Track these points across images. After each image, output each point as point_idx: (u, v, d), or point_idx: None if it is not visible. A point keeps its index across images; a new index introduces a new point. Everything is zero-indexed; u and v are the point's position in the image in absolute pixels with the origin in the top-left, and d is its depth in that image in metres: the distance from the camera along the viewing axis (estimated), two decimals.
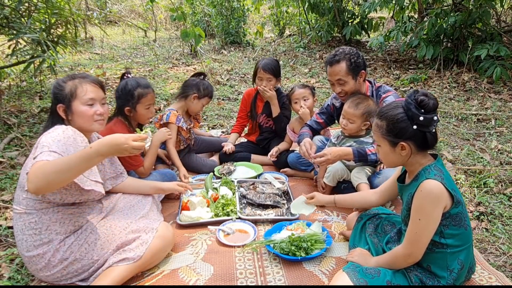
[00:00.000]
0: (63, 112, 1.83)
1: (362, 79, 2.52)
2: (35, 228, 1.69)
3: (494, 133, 3.78)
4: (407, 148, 1.55)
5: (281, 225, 2.25)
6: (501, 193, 2.66)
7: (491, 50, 4.97)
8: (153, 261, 1.85)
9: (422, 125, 1.50)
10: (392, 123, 1.55)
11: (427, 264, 1.59)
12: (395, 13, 7.28)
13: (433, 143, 1.55)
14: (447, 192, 1.48)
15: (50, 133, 1.68)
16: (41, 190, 1.47)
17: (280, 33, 9.73)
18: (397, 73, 6.06)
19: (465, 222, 1.55)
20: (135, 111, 2.46)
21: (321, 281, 1.84)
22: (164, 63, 7.06)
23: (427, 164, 1.56)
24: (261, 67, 3.06)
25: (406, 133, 1.53)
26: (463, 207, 1.55)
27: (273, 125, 3.27)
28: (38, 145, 1.63)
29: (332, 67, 2.47)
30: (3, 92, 4.40)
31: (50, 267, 1.70)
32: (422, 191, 1.49)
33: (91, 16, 6.84)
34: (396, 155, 1.59)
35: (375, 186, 2.40)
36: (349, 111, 2.41)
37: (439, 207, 1.48)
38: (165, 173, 2.70)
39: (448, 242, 1.54)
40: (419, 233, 1.50)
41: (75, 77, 1.86)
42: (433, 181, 1.48)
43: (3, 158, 3.03)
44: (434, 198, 1.47)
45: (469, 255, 1.61)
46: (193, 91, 2.93)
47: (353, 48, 2.51)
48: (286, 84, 5.79)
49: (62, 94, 1.82)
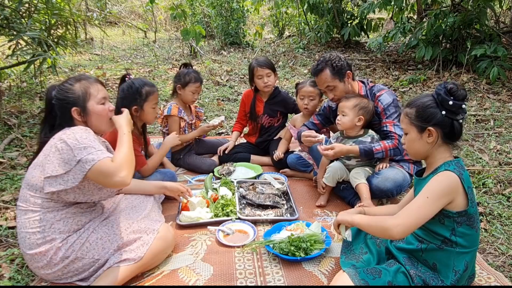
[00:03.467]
0: (78, 115, 1.78)
1: (350, 79, 2.57)
2: (38, 226, 1.69)
3: (493, 133, 3.79)
4: (434, 134, 1.56)
5: (281, 225, 2.26)
6: (500, 194, 2.67)
7: (489, 50, 4.98)
8: (154, 262, 1.86)
9: (450, 111, 1.52)
10: (421, 109, 1.58)
11: (433, 262, 1.58)
12: (394, 14, 7.31)
13: (459, 134, 1.56)
14: (462, 188, 1.49)
15: (75, 134, 1.65)
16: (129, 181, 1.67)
17: (279, 34, 9.74)
18: (396, 74, 6.07)
19: (477, 223, 1.56)
20: (142, 110, 2.45)
21: (321, 281, 1.84)
22: (164, 64, 7.07)
23: (449, 159, 1.57)
24: (257, 65, 3.07)
25: (434, 118, 1.55)
26: (476, 209, 1.55)
27: (276, 124, 3.30)
28: (65, 147, 1.62)
29: (318, 77, 2.55)
30: (4, 93, 4.40)
31: (52, 265, 1.71)
32: (439, 176, 1.50)
33: (91, 17, 6.85)
34: (422, 142, 1.60)
35: (374, 187, 2.42)
36: (341, 104, 2.48)
37: (448, 196, 1.48)
38: (165, 172, 2.72)
39: (458, 240, 1.53)
40: (421, 208, 1.48)
41: (79, 78, 1.82)
42: (451, 172, 1.49)
43: (4, 159, 3.04)
44: (448, 185, 1.48)
45: (473, 259, 1.60)
46: (176, 83, 3.02)
47: (332, 53, 2.57)
48: (286, 85, 5.81)
49: (74, 96, 1.77)
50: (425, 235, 1.61)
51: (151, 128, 4.12)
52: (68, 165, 1.63)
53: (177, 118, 2.97)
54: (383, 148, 2.40)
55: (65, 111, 1.77)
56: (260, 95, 3.27)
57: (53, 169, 1.64)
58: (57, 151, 1.65)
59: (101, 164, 1.61)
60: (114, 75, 6.04)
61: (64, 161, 1.63)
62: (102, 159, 1.62)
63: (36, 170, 1.71)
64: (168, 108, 2.98)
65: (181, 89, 3.00)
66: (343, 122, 2.47)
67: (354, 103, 2.43)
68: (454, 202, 1.49)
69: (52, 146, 1.67)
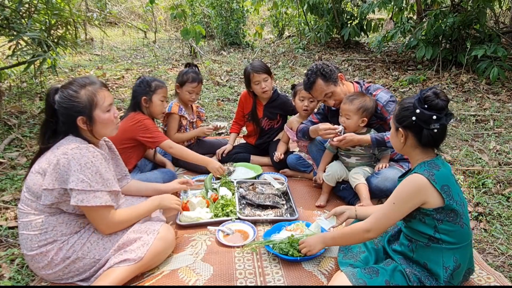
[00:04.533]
0: (83, 123, 1.73)
1: (343, 80, 2.60)
2: (41, 228, 1.69)
3: (492, 134, 3.80)
4: (403, 135, 1.61)
5: (281, 225, 2.26)
6: (499, 194, 2.68)
7: (489, 51, 4.99)
8: (154, 262, 1.86)
9: (419, 119, 1.53)
10: (400, 109, 1.62)
11: (424, 261, 1.60)
12: (394, 15, 7.31)
13: (428, 141, 1.57)
14: (432, 188, 1.51)
15: (81, 158, 1.63)
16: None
17: (279, 34, 9.75)
18: (396, 74, 6.07)
19: (461, 220, 1.56)
20: (151, 101, 2.65)
21: (320, 281, 1.85)
22: (164, 64, 7.07)
23: (425, 160, 1.59)
24: (253, 71, 3.05)
25: (405, 121, 1.59)
26: (460, 206, 1.55)
27: (276, 126, 3.30)
28: (66, 165, 1.62)
29: (313, 89, 2.57)
30: (4, 93, 4.40)
31: (52, 266, 1.71)
32: (406, 180, 1.57)
33: (91, 17, 6.84)
34: (397, 140, 1.67)
35: (373, 187, 2.42)
36: (344, 107, 2.47)
37: (415, 199, 1.53)
38: (165, 171, 2.73)
39: (443, 237, 1.55)
40: (387, 214, 1.58)
41: (84, 84, 1.75)
42: (419, 174, 1.53)
43: (4, 159, 3.04)
44: (414, 189, 1.53)
45: (466, 255, 1.61)
46: (176, 83, 3.09)
47: (316, 62, 2.59)
48: (286, 85, 5.81)
49: (80, 105, 1.71)
50: (412, 234, 1.64)
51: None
52: (65, 184, 1.64)
53: (177, 116, 3.00)
54: None
55: (70, 119, 1.72)
56: (259, 98, 3.27)
57: (49, 183, 1.65)
58: (57, 165, 1.64)
59: (98, 210, 1.68)
60: (114, 75, 6.04)
61: (62, 179, 1.64)
62: (105, 206, 1.68)
63: (37, 176, 1.70)
64: (169, 106, 3.01)
65: (179, 88, 3.04)
66: (348, 126, 2.47)
67: (358, 106, 2.41)
68: (428, 203, 1.53)
69: (55, 157, 1.66)
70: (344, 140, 2.41)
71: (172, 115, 3.01)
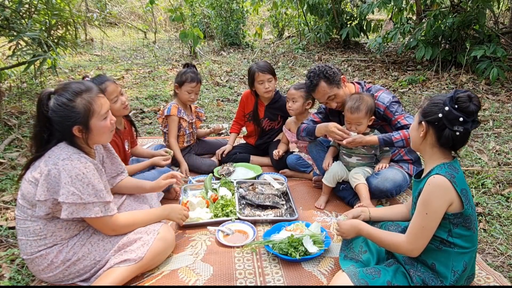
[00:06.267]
0: (79, 132, 1.67)
1: (345, 82, 2.59)
2: (40, 234, 1.68)
3: (492, 134, 3.80)
4: (424, 130, 1.57)
5: (280, 225, 2.26)
6: (499, 194, 2.68)
7: (488, 51, 5.00)
8: (154, 262, 1.86)
9: (445, 117, 1.50)
10: (429, 103, 1.58)
11: (432, 262, 1.58)
12: (394, 15, 7.32)
13: (447, 142, 1.53)
14: (454, 191, 1.48)
15: (71, 173, 1.60)
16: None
17: (279, 35, 9.76)
18: (395, 75, 6.08)
19: (474, 225, 1.55)
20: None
21: (320, 281, 1.85)
22: (164, 64, 7.08)
23: (444, 161, 1.56)
24: (258, 71, 3.06)
25: (431, 116, 1.54)
26: (473, 210, 1.55)
27: (276, 127, 3.31)
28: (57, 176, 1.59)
29: (315, 91, 2.55)
30: (4, 94, 4.41)
31: (53, 268, 1.71)
32: (429, 185, 1.50)
33: (91, 17, 6.86)
34: (417, 133, 1.62)
35: (373, 187, 2.42)
36: (352, 116, 2.40)
37: (445, 203, 1.48)
38: (163, 171, 2.72)
39: (456, 241, 1.53)
40: (426, 227, 1.51)
41: (80, 91, 1.66)
42: (441, 176, 1.49)
43: (4, 159, 3.04)
44: (441, 192, 1.48)
45: (472, 259, 1.60)
46: (174, 83, 3.08)
47: (319, 64, 2.56)
48: (286, 85, 5.81)
49: (76, 115, 1.64)
50: None
51: (151, 128, 4.13)
52: (56, 195, 1.61)
53: (176, 118, 2.99)
54: (403, 137, 2.37)
55: (66, 128, 1.66)
56: (261, 99, 3.27)
57: (41, 194, 1.61)
58: (48, 176, 1.60)
59: (93, 219, 1.70)
60: (114, 75, 6.04)
61: (54, 190, 1.61)
62: (105, 217, 1.71)
63: (31, 185, 1.65)
64: (167, 108, 3.01)
65: (178, 88, 3.03)
66: (360, 131, 2.46)
67: (365, 110, 2.39)
68: (451, 205, 1.50)
69: (46, 167, 1.61)
70: (353, 141, 2.40)
71: (171, 117, 2.99)
